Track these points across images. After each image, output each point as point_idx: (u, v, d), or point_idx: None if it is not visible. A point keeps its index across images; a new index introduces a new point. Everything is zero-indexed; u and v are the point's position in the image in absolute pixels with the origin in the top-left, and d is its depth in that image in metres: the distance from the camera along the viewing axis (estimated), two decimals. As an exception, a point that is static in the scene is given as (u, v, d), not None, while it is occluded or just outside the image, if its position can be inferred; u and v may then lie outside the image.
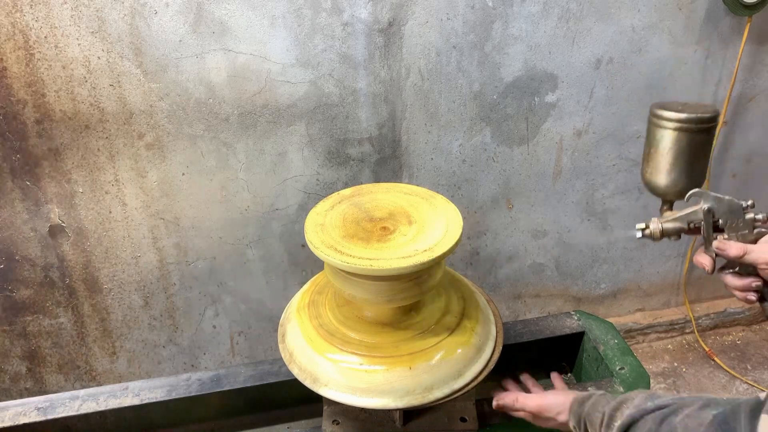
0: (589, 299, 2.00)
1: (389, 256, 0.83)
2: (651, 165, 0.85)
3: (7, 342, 1.57)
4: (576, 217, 1.81)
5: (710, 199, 0.80)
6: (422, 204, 0.98)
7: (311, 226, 0.90)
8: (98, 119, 1.35)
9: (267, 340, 1.76)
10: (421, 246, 0.86)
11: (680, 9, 1.55)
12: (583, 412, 0.80)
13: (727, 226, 0.80)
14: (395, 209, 0.96)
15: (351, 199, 0.99)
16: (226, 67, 1.35)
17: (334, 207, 0.96)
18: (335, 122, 1.48)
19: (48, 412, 1.02)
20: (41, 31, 1.24)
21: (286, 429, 1.12)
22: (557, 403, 0.87)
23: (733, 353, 2.08)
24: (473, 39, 1.46)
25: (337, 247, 0.85)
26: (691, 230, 0.83)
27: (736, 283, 0.81)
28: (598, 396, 0.80)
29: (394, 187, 1.03)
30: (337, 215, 0.93)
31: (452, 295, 1.03)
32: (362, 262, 0.81)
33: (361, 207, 0.96)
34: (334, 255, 0.83)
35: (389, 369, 0.88)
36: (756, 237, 0.79)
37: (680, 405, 0.66)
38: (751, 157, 1.86)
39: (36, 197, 1.40)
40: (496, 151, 1.63)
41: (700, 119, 0.80)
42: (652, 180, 0.85)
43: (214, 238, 1.55)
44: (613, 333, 1.17)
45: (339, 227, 0.90)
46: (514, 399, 0.93)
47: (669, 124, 0.81)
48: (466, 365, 0.92)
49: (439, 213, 0.95)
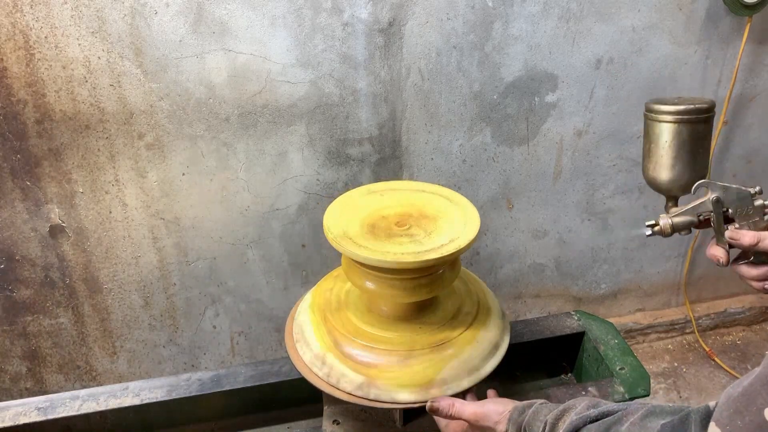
0: (590, 299, 2.00)
1: (418, 249, 0.84)
2: (652, 161, 0.84)
3: (7, 342, 1.57)
4: (576, 217, 1.81)
5: (718, 188, 0.79)
6: (433, 199, 0.99)
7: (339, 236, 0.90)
8: (98, 119, 1.35)
9: (267, 340, 1.76)
10: (443, 239, 0.87)
11: (680, 9, 1.55)
12: (524, 421, 0.74)
13: (737, 214, 0.79)
14: (409, 207, 0.97)
15: (362, 198, 0.99)
16: (226, 67, 1.35)
17: (342, 212, 0.95)
18: (335, 122, 1.48)
19: (48, 412, 1.02)
20: (41, 31, 1.24)
21: (286, 429, 1.12)
22: (495, 412, 0.80)
23: (733, 353, 2.08)
24: (473, 39, 1.46)
25: (363, 243, 0.86)
26: (701, 223, 0.82)
27: (753, 272, 0.79)
28: (540, 404, 0.75)
29: (399, 185, 1.03)
30: (351, 221, 0.93)
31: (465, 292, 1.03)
32: (404, 256, 0.82)
33: (373, 206, 0.97)
34: (364, 251, 0.83)
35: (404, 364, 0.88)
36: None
37: (625, 413, 0.63)
38: (751, 157, 1.86)
39: (36, 197, 1.40)
40: (496, 151, 1.63)
41: (698, 109, 0.79)
42: (656, 176, 0.84)
43: (215, 238, 1.55)
44: (614, 333, 1.17)
45: (358, 231, 0.90)
46: (449, 404, 0.84)
47: (668, 117, 0.80)
48: (483, 360, 0.92)
49: (453, 207, 0.96)
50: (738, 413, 0.49)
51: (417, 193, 1.01)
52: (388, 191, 1.02)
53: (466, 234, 0.88)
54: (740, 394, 0.50)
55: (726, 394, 0.52)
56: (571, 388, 1.05)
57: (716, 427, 0.51)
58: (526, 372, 1.22)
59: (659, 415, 0.59)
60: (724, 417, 0.51)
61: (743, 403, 0.49)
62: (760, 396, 0.48)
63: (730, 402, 0.51)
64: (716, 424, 0.51)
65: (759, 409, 0.48)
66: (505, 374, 1.20)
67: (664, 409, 0.60)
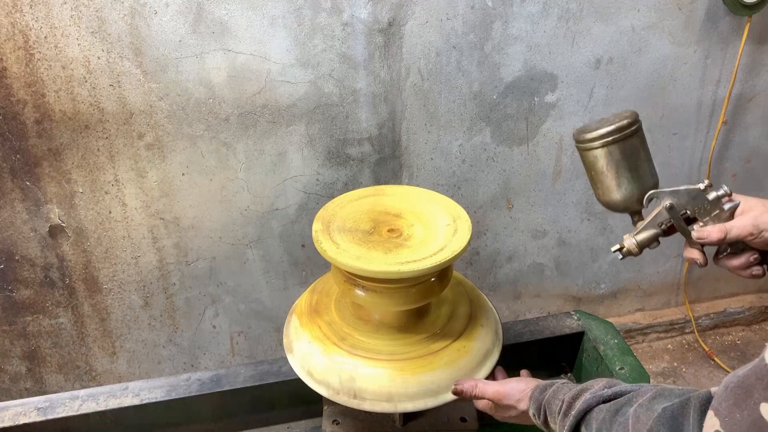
0: (589, 299, 2.00)
1: (415, 257, 0.83)
2: (599, 187, 0.84)
3: (7, 342, 1.57)
4: (576, 217, 1.81)
5: (667, 195, 0.79)
6: (384, 200, 0.98)
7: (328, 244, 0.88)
8: (98, 119, 1.35)
9: (267, 340, 1.76)
10: (438, 244, 0.86)
11: (680, 9, 1.55)
12: (544, 399, 0.76)
13: (697, 213, 0.79)
14: (373, 215, 0.96)
15: (330, 228, 0.93)
16: (226, 67, 1.35)
17: (337, 242, 0.90)
18: (335, 122, 1.48)
19: (48, 412, 1.02)
20: (41, 31, 1.24)
21: (286, 429, 1.12)
22: (518, 390, 0.82)
23: (733, 353, 2.08)
24: (473, 39, 1.46)
25: (362, 256, 0.84)
26: (667, 231, 0.82)
27: (735, 263, 0.79)
28: (560, 384, 0.76)
29: (378, 190, 1.03)
30: (350, 245, 0.90)
31: (459, 297, 1.03)
32: (398, 267, 0.81)
33: (347, 228, 0.94)
34: (363, 264, 0.82)
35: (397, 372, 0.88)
36: (730, 213, 0.77)
37: (635, 394, 0.64)
38: (751, 157, 1.86)
39: (36, 197, 1.40)
40: (496, 151, 1.63)
41: (620, 127, 0.78)
42: (608, 200, 0.84)
43: (214, 238, 1.55)
44: (613, 333, 1.17)
45: (368, 251, 0.88)
46: (473, 385, 0.86)
47: (595, 144, 0.80)
48: (476, 367, 0.92)
49: (439, 209, 0.95)
50: (737, 406, 0.49)
51: (407, 198, 1.00)
52: (379, 196, 1.01)
53: (454, 244, 0.86)
54: (736, 385, 0.50)
55: (724, 384, 0.52)
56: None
57: (714, 416, 0.51)
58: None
59: (667, 397, 0.60)
60: (723, 408, 0.51)
61: (741, 395, 0.49)
62: (756, 390, 0.48)
63: (728, 392, 0.51)
64: (714, 414, 0.51)
65: (756, 403, 0.47)
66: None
67: (673, 392, 0.61)
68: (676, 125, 1.73)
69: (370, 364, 0.89)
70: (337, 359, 0.90)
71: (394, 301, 0.88)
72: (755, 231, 0.74)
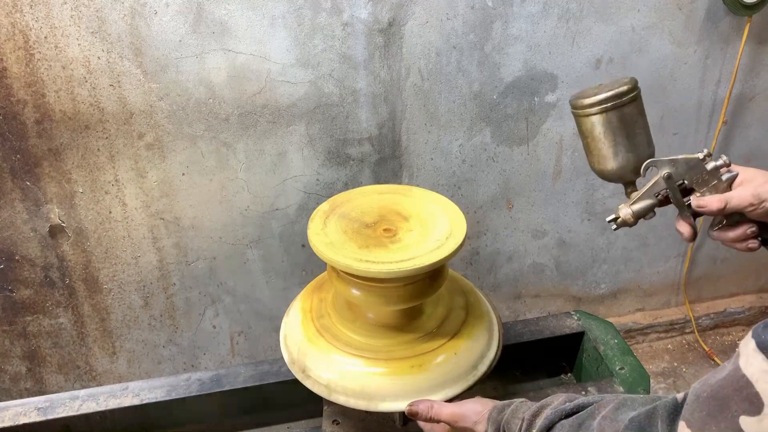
0: (589, 299, 2.00)
1: (417, 254, 0.83)
2: (594, 155, 0.81)
3: (7, 342, 1.57)
4: (576, 217, 1.81)
5: (666, 164, 0.77)
6: (404, 200, 0.98)
7: (314, 224, 0.90)
8: (98, 119, 1.35)
9: (267, 340, 1.76)
10: (435, 238, 0.86)
11: (680, 9, 1.55)
12: (503, 419, 0.73)
13: (694, 183, 0.77)
14: (384, 211, 0.96)
15: (335, 211, 0.96)
16: (226, 67, 1.35)
17: (326, 224, 0.92)
18: (335, 122, 1.48)
19: (48, 412, 1.02)
20: (41, 31, 1.24)
21: (286, 429, 1.12)
22: (474, 411, 0.78)
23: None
24: (473, 39, 1.46)
25: (360, 257, 0.84)
26: (663, 201, 0.80)
27: (731, 235, 0.77)
28: (519, 402, 0.73)
29: (370, 190, 1.03)
30: (336, 230, 0.91)
31: (456, 297, 1.02)
32: (395, 265, 0.81)
33: (350, 216, 0.95)
34: (363, 265, 0.82)
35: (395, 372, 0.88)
36: (728, 183, 0.76)
37: (598, 406, 0.62)
38: (751, 157, 1.86)
39: (36, 197, 1.40)
40: (496, 151, 1.63)
41: (620, 93, 0.76)
42: (603, 168, 0.81)
43: (214, 238, 1.55)
44: (613, 333, 1.17)
45: (346, 240, 0.88)
46: (428, 406, 0.82)
47: (593, 110, 0.78)
48: (472, 366, 0.92)
49: (424, 204, 0.96)
50: (712, 417, 0.47)
51: (422, 204, 0.99)
52: (402, 195, 1.00)
53: (448, 245, 0.86)
54: (709, 395, 0.49)
55: (694, 392, 0.51)
56: (570, 388, 1.06)
57: (687, 428, 0.49)
58: (526, 372, 1.22)
59: (630, 407, 0.58)
60: (695, 419, 0.49)
61: (715, 406, 0.48)
62: (733, 402, 0.46)
63: (700, 403, 0.49)
64: (687, 425, 0.49)
65: (734, 416, 0.46)
66: (505, 374, 1.20)
67: (636, 401, 0.59)
68: (677, 125, 1.73)
69: (364, 363, 0.89)
70: (334, 357, 0.90)
71: (381, 299, 0.88)
72: (755, 201, 0.72)
